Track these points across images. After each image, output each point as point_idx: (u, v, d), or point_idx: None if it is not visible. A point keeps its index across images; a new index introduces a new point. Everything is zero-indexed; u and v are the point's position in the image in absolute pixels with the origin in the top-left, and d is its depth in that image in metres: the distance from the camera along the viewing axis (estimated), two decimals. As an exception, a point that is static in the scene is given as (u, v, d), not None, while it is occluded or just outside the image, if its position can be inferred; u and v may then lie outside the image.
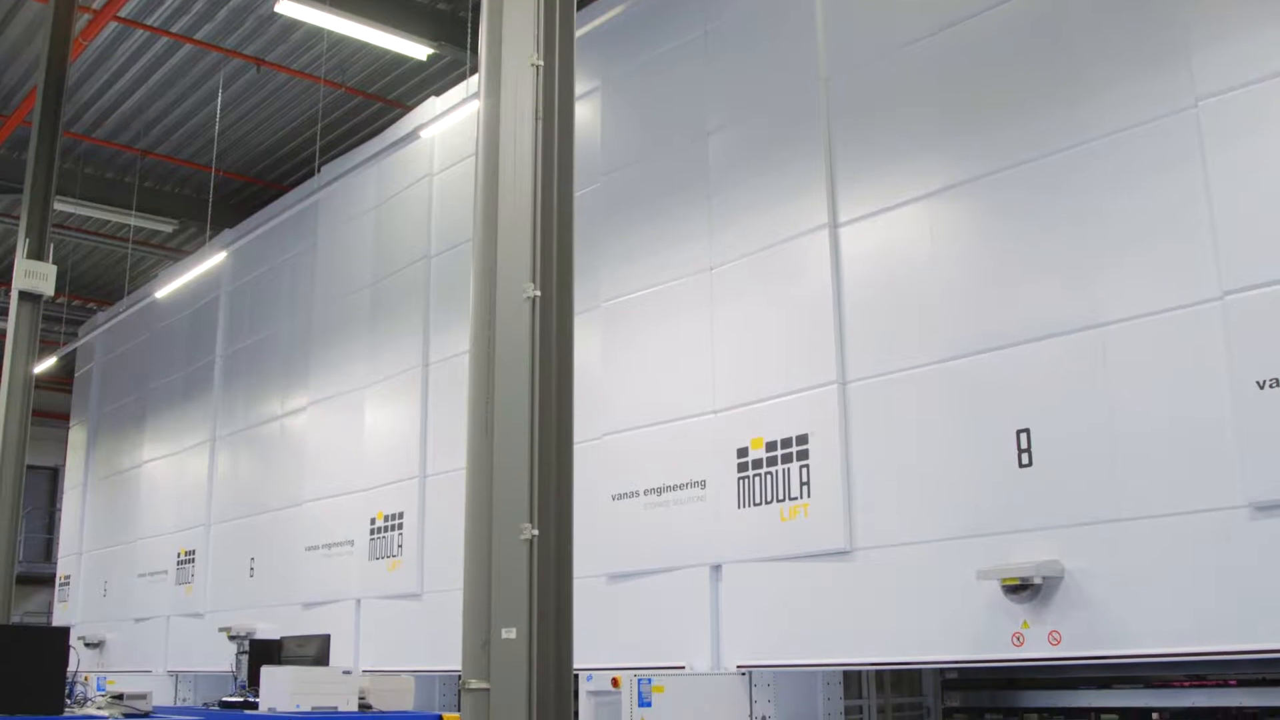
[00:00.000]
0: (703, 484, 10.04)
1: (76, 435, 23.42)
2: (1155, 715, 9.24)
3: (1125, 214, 7.83)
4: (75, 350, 22.82)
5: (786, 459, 9.43)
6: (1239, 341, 7.13)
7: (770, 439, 9.58)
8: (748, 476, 9.69)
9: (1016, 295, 8.34)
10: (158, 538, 19.01)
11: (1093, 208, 7.99)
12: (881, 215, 9.29)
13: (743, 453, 9.76)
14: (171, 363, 19.58)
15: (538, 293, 5.90)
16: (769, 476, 9.53)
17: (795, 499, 9.31)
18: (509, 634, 5.43)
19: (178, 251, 21.50)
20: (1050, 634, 7.77)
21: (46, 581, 25.99)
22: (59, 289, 15.73)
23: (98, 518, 21.71)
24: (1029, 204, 8.37)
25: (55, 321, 23.27)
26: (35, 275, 14.69)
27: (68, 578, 22.42)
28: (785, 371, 9.62)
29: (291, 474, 15.71)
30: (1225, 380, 7.16)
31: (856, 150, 9.55)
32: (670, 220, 10.84)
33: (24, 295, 14.69)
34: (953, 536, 8.38)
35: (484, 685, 5.46)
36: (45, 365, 19.50)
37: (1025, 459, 8.05)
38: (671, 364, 10.56)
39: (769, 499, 9.50)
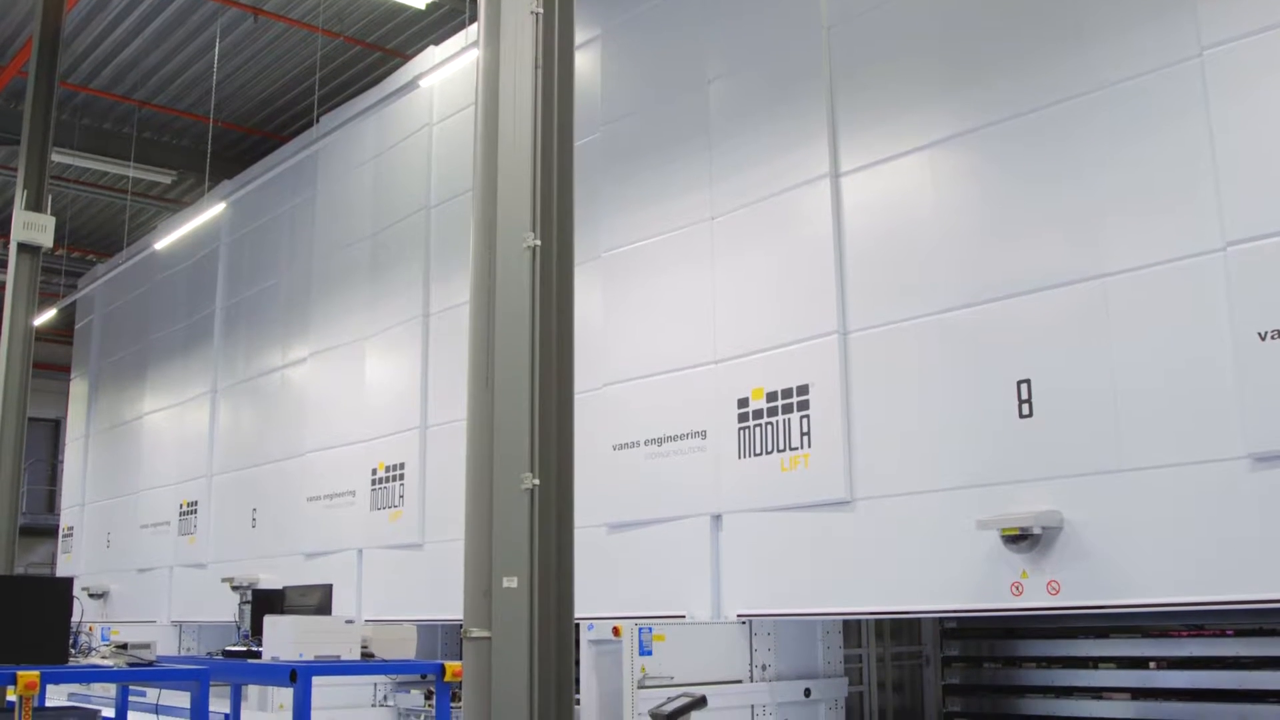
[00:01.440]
0: (703, 434, 10.05)
1: (78, 387, 23.44)
2: (1153, 664, 9.32)
3: (1128, 164, 7.79)
4: (75, 302, 22.80)
5: (787, 409, 9.44)
6: (1241, 292, 7.11)
7: (771, 389, 9.58)
8: (748, 427, 9.70)
9: (1018, 245, 8.31)
10: (160, 489, 19.07)
11: (1095, 158, 7.95)
12: (883, 165, 9.24)
13: (743, 403, 9.77)
14: (172, 314, 19.56)
15: (538, 242, 5.89)
16: (769, 427, 9.54)
17: (796, 449, 9.33)
18: (510, 583, 5.46)
19: (177, 203, 21.43)
20: (1049, 583, 7.80)
21: (49, 533, 26.10)
22: (58, 241, 15.71)
23: (100, 469, 21.77)
24: (1031, 154, 8.33)
25: (55, 274, 23.22)
26: (34, 227, 14.67)
27: (71, 529, 22.51)
28: (786, 322, 9.60)
29: (293, 425, 15.74)
30: (1227, 331, 7.15)
31: (858, 99, 9.49)
32: (671, 170, 10.79)
33: (23, 247, 14.68)
34: (953, 487, 8.40)
35: (486, 634, 5.49)
36: (45, 317, 19.48)
37: (1026, 409, 8.05)
38: (672, 314, 10.55)
39: (769, 449, 9.51)
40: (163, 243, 17.30)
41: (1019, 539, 7.82)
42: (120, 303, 21.71)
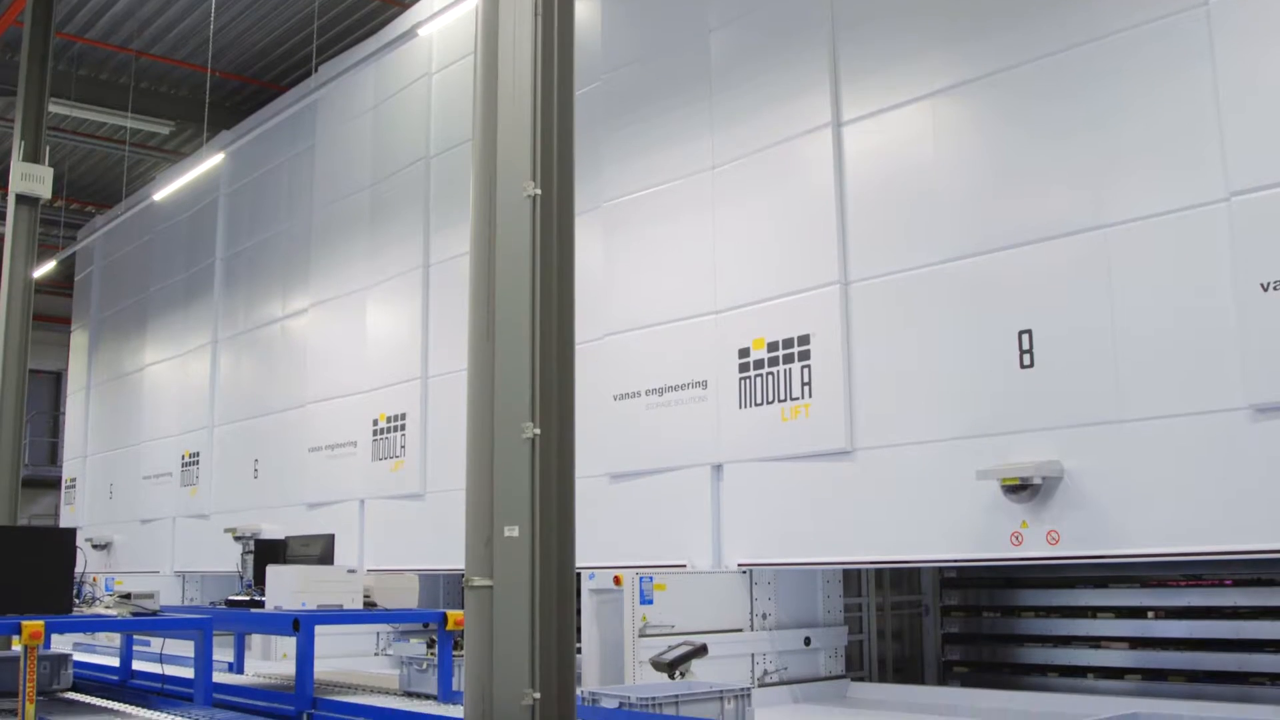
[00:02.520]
0: (704, 384, 10.06)
1: (78, 339, 23.43)
2: (1151, 614, 9.36)
3: (1131, 114, 7.74)
4: (74, 254, 22.72)
5: (788, 359, 9.43)
6: (1244, 243, 7.08)
7: (772, 339, 9.57)
8: (749, 377, 9.70)
9: (1020, 195, 8.28)
10: (161, 440, 19.11)
11: (1098, 107, 7.89)
12: (885, 114, 9.19)
13: (744, 353, 9.76)
14: (171, 266, 19.52)
15: (538, 191, 5.85)
16: (770, 377, 9.54)
17: (796, 399, 9.33)
18: (512, 532, 5.47)
19: (175, 154, 21.33)
20: (1049, 533, 7.82)
21: (52, 485, 26.17)
22: (56, 192, 15.68)
23: (101, 421, 21.80)
24: (1034, 103, 8.27)
25: (53, 225, 23.15)
26: (32, 178, 14.63)
27: (73, 481, 22.58)
28: (787, 272, 9.58)
29: (294, 376, 15.75)
30: (1229, 282, 7.13)
31: (860, 48, 9.42)
32: (672, 119, 10.73)
33: (21, 198, 14.64)
34: (953, 437, 8.41)
35: (487, 583, 5.51)
36: (45, 269, 19.41)
37: (1027, 360, 8.05)
38: (673, 264, 10.52)
39: (770, 399, 9.52)
40: (161, 194, 17.22)
41: (1019, 489, 7.84)
42: (120, 254, 21.66)
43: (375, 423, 13.94)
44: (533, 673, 5.44)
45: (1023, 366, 8.07)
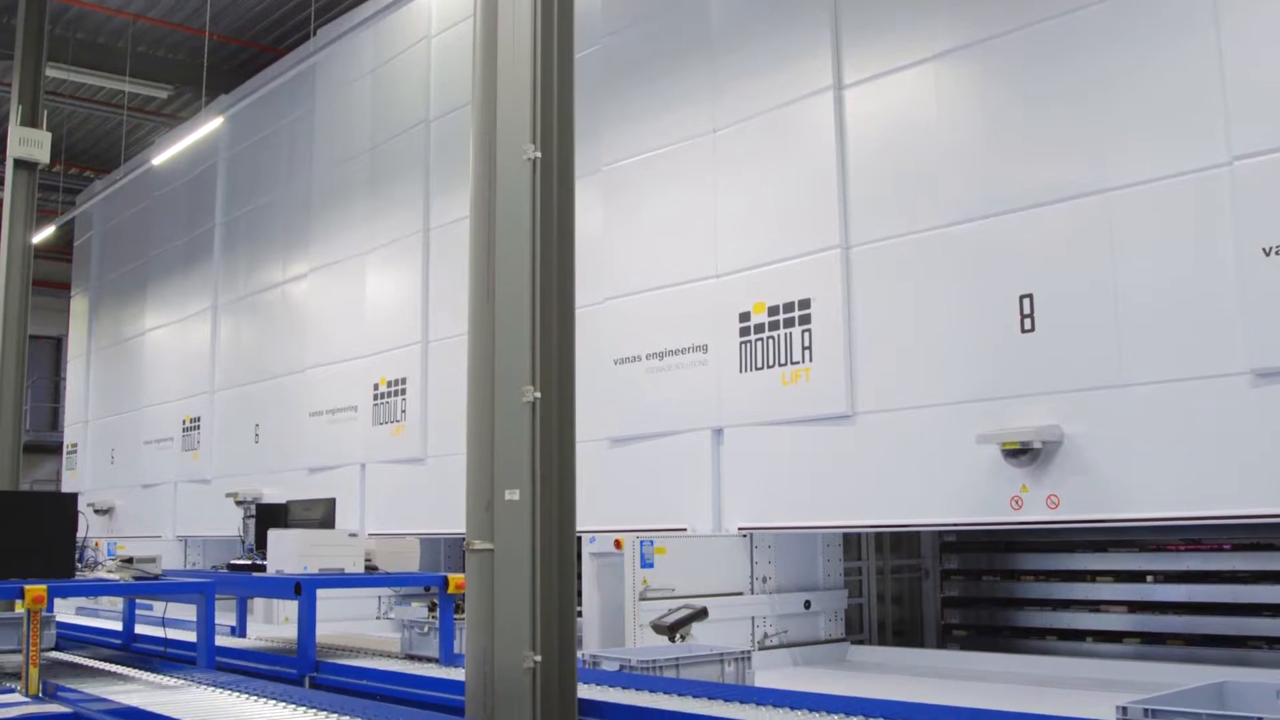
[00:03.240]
0: (704, 348, 10.05)
1: (78, 304, 23.41)
2: (1150, 578, 9.39)
3: (1134, 78, 7.70)
4: (74, 219, 22.68)
5: (789, 323, 9.42)
6: (1246, 207, 7.06)
7: (772, 303, 9.56)
8: (749, 341, 9.69)
9: (1022, 160, 8.25)
10: (162, 405, 19.13)
11: (1101, 71, 7.85)
12: (886, 78, 9.15)
13: (745, 317, 9.75)
14: (171, 230, 19.48)
15: (538, 154, 5.83)
16: (771, 341, 9.53)
17: (797, 363, 9.33)
18: (512, 495, 5.48)
19: (173, 118, 21.23)
20: (1049, 497, 7.84)
21: (54, 450, 26.21)
22: (55, 157, 15.62)
23: (102, 386, 21.81)
24: (1036, 66, 8.23)
25: (52, 190, 23.08)
26: (30, 143, 14.57)
27: (75, 446, 22.61)
28: (788, 235, 9.56)
29: (294, 340, 15.74)
30: (1230, 246, 7.11)
31: (861, 12, 9.36)
32: (672, 83, 10.68)
33: (19, 163, 14.58)
34: (954, 401, 8.41)
35: (488, 546, 5.52)
36: (44, 234, 19.38)
37: (1028, 324, 8.04)
38: (674, 228, 10.50)
39: (771, 363, 9.52)
40: (160, 158, 17.15)
41: (1019, 453, 7.85)
42: (119, 219, 21.61)
43: (376, 387, 13.95)
44: (534, 636, 5.46)
45: (1023, 331, 8.06)
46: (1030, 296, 8.05)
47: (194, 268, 18.62)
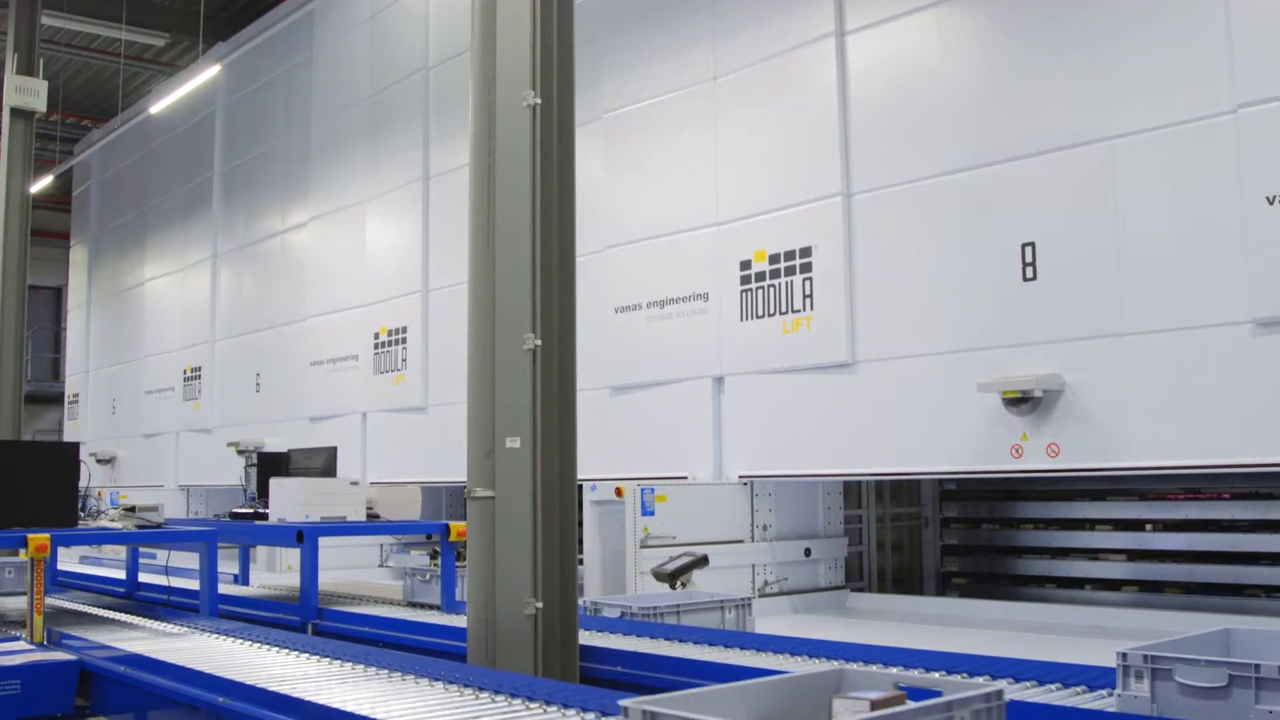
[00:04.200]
0: (705, 297, 10.04)
1: (78, 254, 23.36)
2: (1149, 526, 9.42)
3: (1139, 25, 7.63)
4: (72, 169, 22.59)
5: (789, 272, 9.40)
6: (1250, 156, 7.02)
7: (773, 252, 9.53)
8: (750, 289, 9.67)
9: (1025, 107, 8.19)
10: (163, 355, 19.14)
11: (1105, 18, 7.78)
12: (888, 24, 9.07)
13: (745, 265, 9.73)
14: (170, 179, 19.40)
15: (538, 100, 5.78)
16: (772, 289, 9.51)
17: (798, 312, 9.31)
18: (513, 443, 5.48)
19: (171, 66, 21.07)
20: (1049, 446, 7.84)
21: (55, 400, 26.24)
22: (51, 106, 15.53)
23: (103, 336, 21.81)
24: (1040, 14, 8.16)
25: (50, 140, 22.95)
26: (26, 91, 14.50)
27: (76, 396, 22.64)
28: (789, 183, 9.52)
29: (294, 290, 15.72)
30: (1234, 195, 7.08)
31: (865, -45, 9.27)
32: (673, 29, 10.59)
33: (16, 112, 14.52)
34: (955, 349, 8.41)
35: (489, 493, 5.53)
36: (42, 184, 19.33)
37: (1029, 273, 8.02)
38: (674, 176, 10.45)
39: (771, 312, 9.50)
40: (158, 106, 17.07)
41: (1019, 402, 7.85)
42: (117, 169, 21.52)
43: (376, 336, 13.95)
44: (535, 582, 5.48)
45: (1025, 279, 8.04)
46: (1032, 245, 8.02)
47: (193, 217, 18.56)
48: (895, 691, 3.40)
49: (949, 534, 11.03)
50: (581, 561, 7.71)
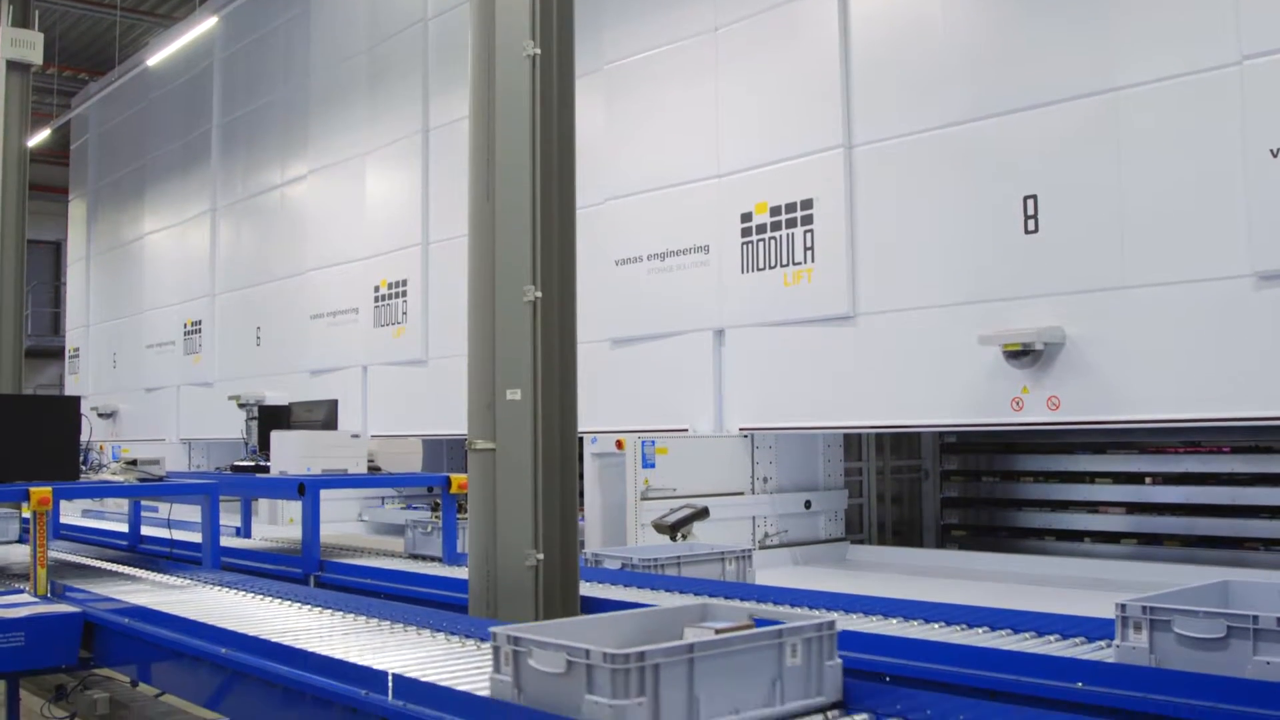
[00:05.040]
0: (706, 249, 10.01)
1: (76, 209, 23.28)
2: (1148, 479, 9.44)
3: (1144, -30, 7.56)
4: (69, 122, 22.46)
5: (791, 224, 9.37)
6: (1255, 108, 6.97)
7: (775, 204, 9.49)
8: (751, 241, 9.64)
9: (1028, 58, 8.13)
10: (163, 309, 19.12)
11: (1111, -36, 7.71)
12: (892, -27, 8.99)
13: (747, 218, 9.69)
14: (168, 133, 19.31)
15: (537, 50, 5.74)
16: (773, 241, 9.48)
17: (799, 264, 9.29)
18: (514, 395, 5.48)
19: (167, 18, 20.92)
20: (1049, 399, 7.84)
21: (56, 355, 26.25)
22: (48, 59, 15.40)
23: (103, 290, 21.77)
24: (1045, -40, 8.08)
25: (47, 93, 22.83)
26: (22, 44, 14.39)
27: (77, 350, 22.64)
28: (791, 135, 9.47)
29: (293, 243, 15.68)
30: (1238, 147, 7.03)
31: (868, -97, 9.18)
32: (674, -21, 10.50)
33: (12, 65, 14.41)
34: (956, 302, 8.39)
35: (490, 445, 5.54)
36: (39, 138, 19.23)
37: (1031, 225, 7.99)
38: (675, 128, 10.40)
39: (773, 264, 9.48)
40: (155, 59, 16.95)
41: (1021, 354, 7.84)
42: (115, 122, 21.40)
43: (376, 289, 13.93)
44: (536, 534, 5.49)
45: (1027, 232, 8.01)
46: (1034, 197, 7.99)
47: (192, 170, 18.48)
48: (746, 621, 3.69)
49: (949, 487, 11.06)
50: (582, 514, 7.73)
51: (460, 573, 6.68)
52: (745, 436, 9.74)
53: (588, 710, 3.14)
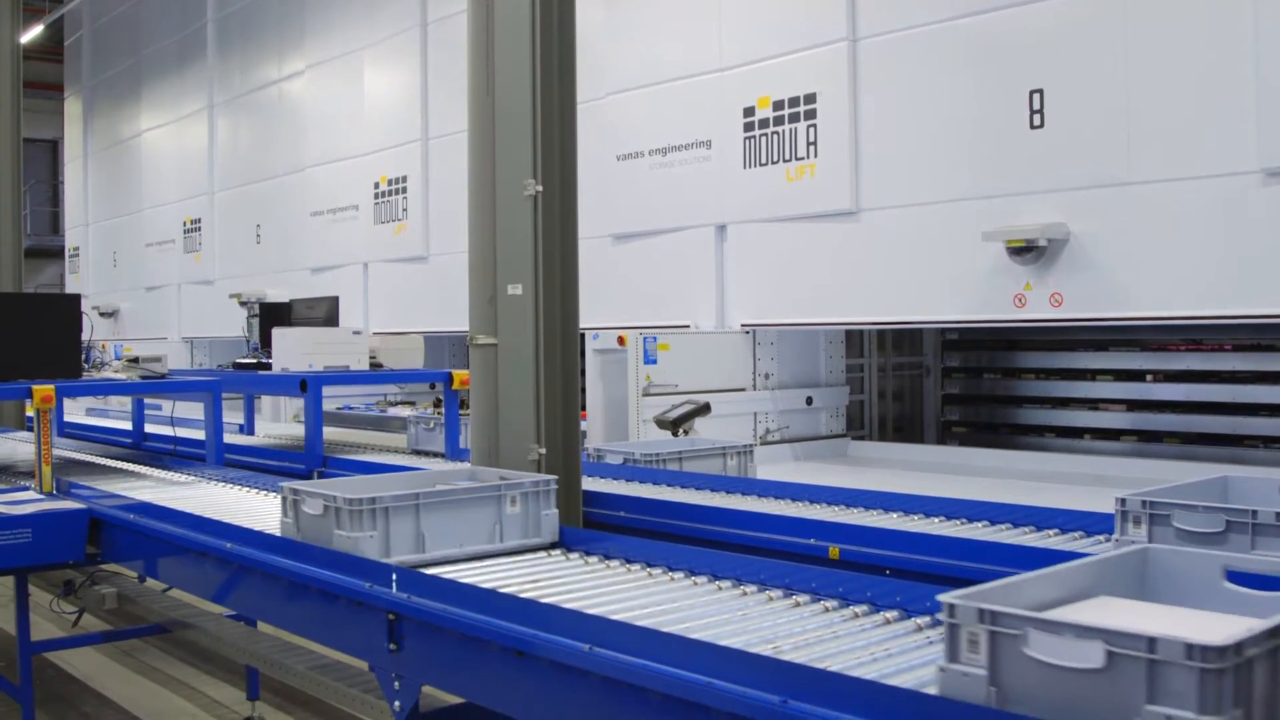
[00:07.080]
0: (708, 144, 9.91)
1: (72, 107, 23.02)
2: (1149, 377, 9.46)
3: None
4: (62, 17, 22.13)
5: (794, 118, 9.26)
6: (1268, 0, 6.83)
7: (777, 98, 9.38)
8: (754, 136, 9.55)
9: (1037, -54, 7.97)
10: (163, 207, 19.02)
11: None
12: None
13: (749, 112, 9.58)
14: (163, 27, 19.03)
15: (537, -60, 5.62)
16: (775, 136, 9.39)
17: (802, 159, 9.20)
18: (515, 290, 5.46)
19: (161, -91, 20.52)
20: (1052, 296, 7.82)
21: (56, 254, 26.17)
22: (38, -50, 15.14)
23: (101, 189, 21.63)
24: None
25: (39, -14, 22.50)
26: (13, -66, 14.11)
27: (76, 249, 22.56)
28: (794, 28, 9.32)
29: (292, 140, 15.55)
30: (1249, 42, 6.91)
31: None
32: None
33: (3, -45, 14.14)
34: (959, 198, 8.32)
35: (491, 340, 5.53)
36: (32, 34, 18.96)
37: (1037, 120, 7.89)
38: (677, 20, 10.24)
39: (775, 159, 9.39)
40: (149, -49, 16.67)
41: (1024, 251, 7.80)
42: (109, 17, 21.08)
43: (376, 186, 13.84)
44: (538, 428, 5.50)
45: (1032, 127, 7.92)
46: (1040, 91, 7.88)
47: (188, 66, 18.25)
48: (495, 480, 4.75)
49: (950, 383, 11.09)
50: (584, 411, 7.75)
51: (463, 468, 6.71)
52: (747, 333, 9.74)
53: (337, 542, 4.24)
